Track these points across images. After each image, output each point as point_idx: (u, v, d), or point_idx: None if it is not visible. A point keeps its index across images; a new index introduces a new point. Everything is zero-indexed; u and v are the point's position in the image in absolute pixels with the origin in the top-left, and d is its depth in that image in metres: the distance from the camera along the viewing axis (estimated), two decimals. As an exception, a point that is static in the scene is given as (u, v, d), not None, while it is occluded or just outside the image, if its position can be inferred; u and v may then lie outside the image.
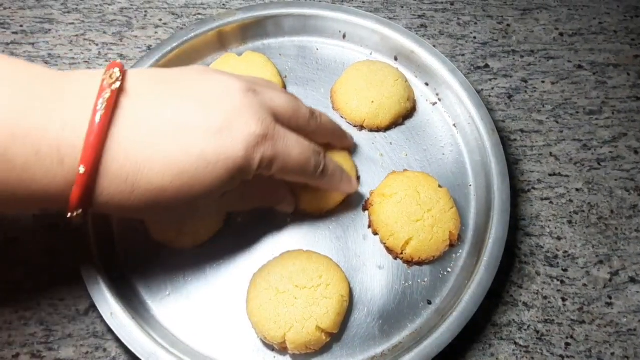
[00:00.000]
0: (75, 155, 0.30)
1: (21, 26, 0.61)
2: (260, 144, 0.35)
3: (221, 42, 0.58)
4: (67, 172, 0.30)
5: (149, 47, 0.60)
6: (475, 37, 0.65)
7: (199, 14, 0.64)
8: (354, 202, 0.51)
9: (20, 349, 0.43)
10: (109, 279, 0.43)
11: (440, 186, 0.50)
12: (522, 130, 0.58)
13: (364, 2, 0.66)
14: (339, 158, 0.50)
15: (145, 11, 0.63)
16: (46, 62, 0.58)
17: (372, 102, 0.54)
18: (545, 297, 0.49)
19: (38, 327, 0.44)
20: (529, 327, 0.47)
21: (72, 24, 0.62)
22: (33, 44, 0.60)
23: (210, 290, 0.46)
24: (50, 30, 0.61)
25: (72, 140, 0.30)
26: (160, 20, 0.63)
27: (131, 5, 0.64)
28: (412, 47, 0.57)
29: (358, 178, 0.51)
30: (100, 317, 0.42)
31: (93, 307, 0.42)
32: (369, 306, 0.46)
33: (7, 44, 0.59)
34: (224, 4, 0.65)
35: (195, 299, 0.45)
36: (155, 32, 0.62)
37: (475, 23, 0.66)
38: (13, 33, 0.60)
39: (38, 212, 0.47)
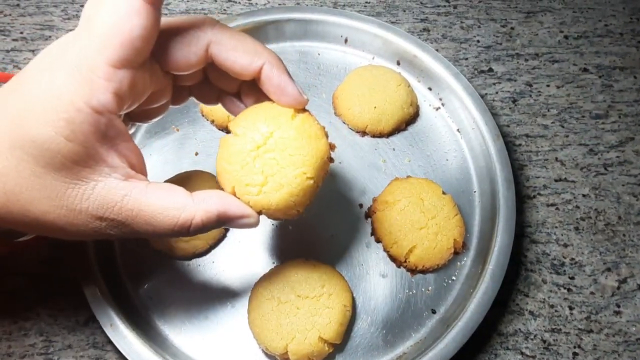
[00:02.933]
0: None
1: (21, 33, 0.60)
2: None
3: (222, 47, 0.57)
4: None
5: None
6: (478, 41, 0.64)
7: (199, 19, 0.63)
8: (357, 209, 0.50)
9: (20, 360, 0.43)
10: (108, 289, 0.43)
11: (444, 193, 0.49)
12: (527, 135, 0.57)
13: (365, 6, 0.66)
14: None
15: (146, 17, 0.63)
16: (46, 69, 0.58)
17: (375, 107, 0.53)
18: (551, 306, 0.48)
19: (37, 337, 0.44)
20: (535, 336, 0.46)
21: (73, 30, 0.61)
22: (33, 50, 0.59)
23: (211, 300, 0.45)
24: (50, 36, 0.60)
25: None
26: (161, 26, 0.63)
27: (132, 11, 0.63)
28: (415, 52, 0.56)
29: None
30: (100, 327, 0.41)
31: (93, 317, 0.42)
32: (372, 316, 0.45)
33: (8, 51, 0.59)
34: (224, 9, 0.64)
35: (195, 309, 0.45)
36: (156, 38, 0.61)
37: (479, 26, 0.65)
38: (13, 40, 0.60)
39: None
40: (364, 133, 0.54)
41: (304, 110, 0.35)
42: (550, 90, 0.61)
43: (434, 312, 0.46)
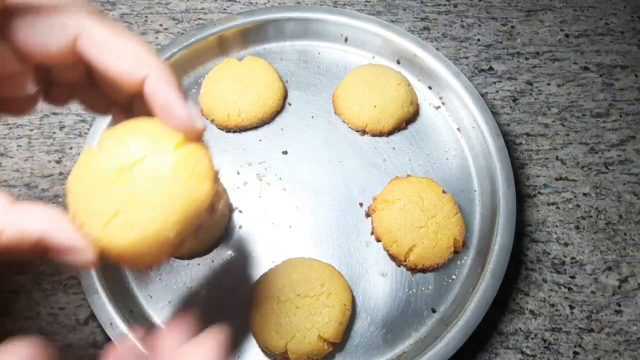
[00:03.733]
0: None
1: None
2: None
3: (222, 47, 0.57)
4: None
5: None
6: (479, 40, 0.64)
7: (199, 19, 0.63)
8: (356, 208, 0.50)
9: (20, 359, 0.43)
10: (108, 288, 0.43)
11: (444, 192, 0.49)
12: (527, 134, 0.57)
13: (365, 5, 0.66)
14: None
15: (146, 16, 0.63)
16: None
17: (375, 106, 0.53)
18: (552, 305, 0.48)
19: (38, 336, 0.44)
20: (535, 335, 0.46)
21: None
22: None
23: (211, 300, 0.45)
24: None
25: None
26: (161, 25, 0.63)
27: (132, 10, 0.63)
28: (415, 50, 0.56)
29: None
30: (100, 327, 0.41)
31: (93, 316, 0.42)
32: (372, 315, 0.45)
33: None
34: (224, 9, 0.64)
35: (195, 308, 0.45)
36: (156, 37, 0.61)
37: (479, 25, 0.65)
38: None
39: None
40: (363, 132, 0.54)
41: (198, 140, 0.28)
42: (550, 88, 0.61)
43: (434, 311, 0.46)
